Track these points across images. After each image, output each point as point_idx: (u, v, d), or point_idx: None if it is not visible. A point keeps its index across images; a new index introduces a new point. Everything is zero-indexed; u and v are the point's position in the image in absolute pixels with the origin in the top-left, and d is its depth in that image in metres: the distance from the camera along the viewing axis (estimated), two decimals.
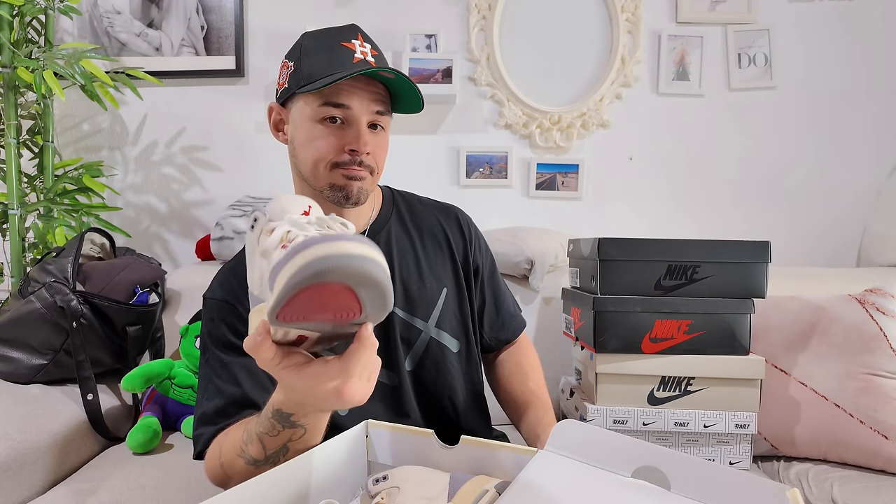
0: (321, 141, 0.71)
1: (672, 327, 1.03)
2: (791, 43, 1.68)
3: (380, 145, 0.75)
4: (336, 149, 0.71)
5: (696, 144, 1.72)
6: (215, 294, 0.77)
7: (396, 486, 0.53)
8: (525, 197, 1.74)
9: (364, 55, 0.71)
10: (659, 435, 1.04)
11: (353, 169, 0.72)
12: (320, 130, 0.71)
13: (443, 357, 0.82)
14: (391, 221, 0.84)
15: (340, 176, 0.72)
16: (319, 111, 0.71)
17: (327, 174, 0.73)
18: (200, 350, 0.77)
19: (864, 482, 0.97)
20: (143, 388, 1.14)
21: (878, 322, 1.07)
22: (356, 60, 0.70)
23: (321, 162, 0.72)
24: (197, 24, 1.69)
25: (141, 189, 1.74)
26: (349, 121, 0.72)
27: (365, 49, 0.72)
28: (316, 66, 0.70)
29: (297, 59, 0.73)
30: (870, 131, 1.69)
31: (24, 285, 1.19)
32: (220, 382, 0.71)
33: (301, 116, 0.73)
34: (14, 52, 1.37)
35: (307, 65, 0.71)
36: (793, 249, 1.65)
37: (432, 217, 0.87)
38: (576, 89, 1.71)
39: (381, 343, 0.78)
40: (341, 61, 0.70)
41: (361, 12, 1.69)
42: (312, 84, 0.69)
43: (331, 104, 0.70)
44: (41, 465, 0.95)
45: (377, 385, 0.74)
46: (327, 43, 0.72)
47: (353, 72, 0.68)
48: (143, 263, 1.36)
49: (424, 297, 0.81)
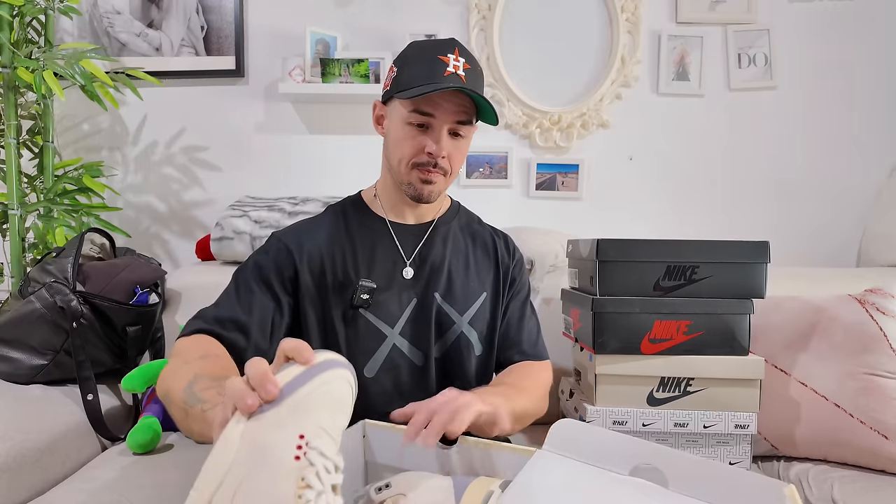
0: (407, 141, 0.82)
1: (671, 328, 1.03)
2: (791, 43, 1.68)
3: (458, 149, 0.84)
4: (418, 150, 0.81)
5: (696, 144, 1.72)
6: (285, 238, 0.86)
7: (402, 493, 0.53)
8: (525, 197, 1.74)
9: (456, 69, 0.79)
10: (659, 436, 1.04)
11: (428, 171, 0.82)
12: (408, 132, 0.81)
13: (468, 354, 0.88)
14: (454, 223, 0.95)
15: (418, 178, 0.83)
16: (409, 116, 0.80)
17: (408, 172, 0.83)
18: (240, 266, 0.85)
19: (864, 482, 0.97)
20: (143, 388, 1.14)
21: (878, 322, 1.07)
22: (447, 74, 0.78)
23: (404, 160, 0.82)
24: (197, 25, 1.69)
25: (141, 189, 1.74)
26: (432, 127, 0.81)
27: (458, 63, 0.79)
28: (413, 75, 0.80)
29: (400, 65, 0.83)
30: (870, 131, 1.69)
31: (24, 285, 1.19)
32: (235, 300, 0.80)
33: (396, 117, 0.83)
34: (14, 53, 1.37)
35: (407, 72, 0.81)
36: (793, 249, 1.65)
37: (487, 233, 0.97)
38: (576, 89, 1.71)
39: (419, 322, 0.86)
40: (434, 74, 0.78)
41: (361, 12, 1.69)
42: (406, 91, 0.79)
43: (418, 111, 0.80)
44: (41, 465, 0.95)
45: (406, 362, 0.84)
46: (427, 54, 0.80)
47: (437, 87, 0.76)
48: (144, 263, 1.36)
49: (465, 292, 0.89)
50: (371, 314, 0.83)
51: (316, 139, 1.72)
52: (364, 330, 0.83)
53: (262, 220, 1.42)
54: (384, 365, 0.84)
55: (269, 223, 1.42)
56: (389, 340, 0.84)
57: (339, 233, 0.88)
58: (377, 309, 0.84)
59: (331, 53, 1.64)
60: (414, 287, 0.86)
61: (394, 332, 0.84)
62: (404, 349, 0.85)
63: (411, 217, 0.91)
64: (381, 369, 0.83)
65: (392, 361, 0.84)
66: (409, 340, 0.85)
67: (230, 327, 0.77)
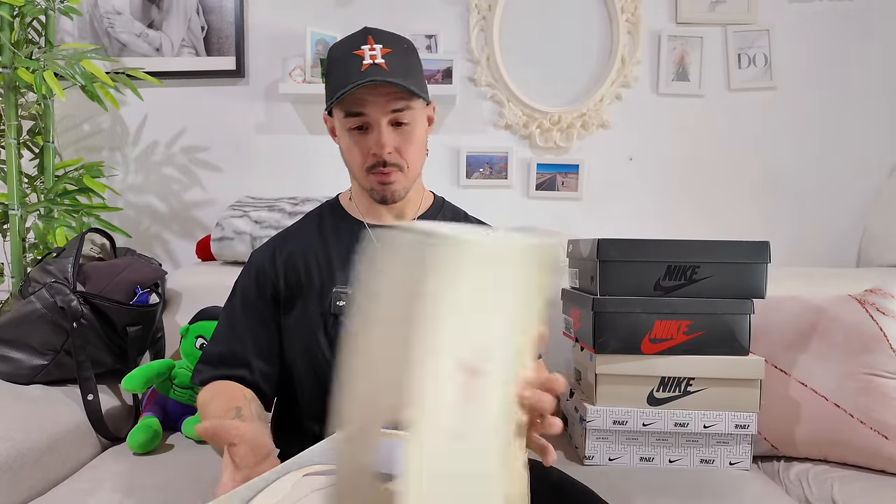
0: (353, 148, 0.80)
1: (672, 328, 1.03)
2: (791, 43, 1.68)
3: (406, 139, 0.79)
4: (364, 154, 0.79)
5: (696, 144, 1.72)
6: (259, 258, 0.87)
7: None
8: (525, 197, 1.74)
9: (373, 58, 0.75)
10: (659, 436, 1.04)
11: (382, 173, 0.79)
12: (351, 139, 0.79)
13: None
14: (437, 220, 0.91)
15: (375, 181, 0.81)
16: (346, 122, 0.78)
17: (365, 178, 0.81)
18: (231, 293, 0.88)
19: (864, 482, 0.97)
20: (143, 388, 1.15)
21: (878, 322, 1.07)
22: (364, 67, 0.74)
23: (359, 169, 0.81)
24: (197, 25, 1.69)
25: (141, 189, 1.74)
26: (369, 126, 0.78)
27: (374, 51, 0.75)
28: (336, 80, 0.77)
29: (327, 73, 0.81)
30: (870, 131, 1.69)
31: (25, 286, 1.19)
32: (229, 335, 0.83)
33: (339, 127, 0.81)
34: (14, 53, 1.37)
35: (332, 79, 0.78)
36: (793, 249, 1.65)
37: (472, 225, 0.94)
38: (576, 90, 1.71)
39: None
40: (352, 72, 0.75)
41: (361, 13, 1.69)
42: (332, 99, 0.77)
43: (350, 114, 0.77)
44: (42, 465, 0.95)
45: None
46: (342, 54, 0.77)
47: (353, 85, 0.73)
48: (144, 264, 1.36)
49: None
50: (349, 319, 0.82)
51: (316, 139, 1.72)
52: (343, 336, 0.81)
53: (263, 221, 1.42)
54: None
55: (269, 223, 1.42)
56: None
57: (315, 239, 0.86)
58: None
59: None
60: None
61: None
62: None
63: (389, 217, 0.88)
64: None
65: None
66: None
67: (232, 363, 0.81)
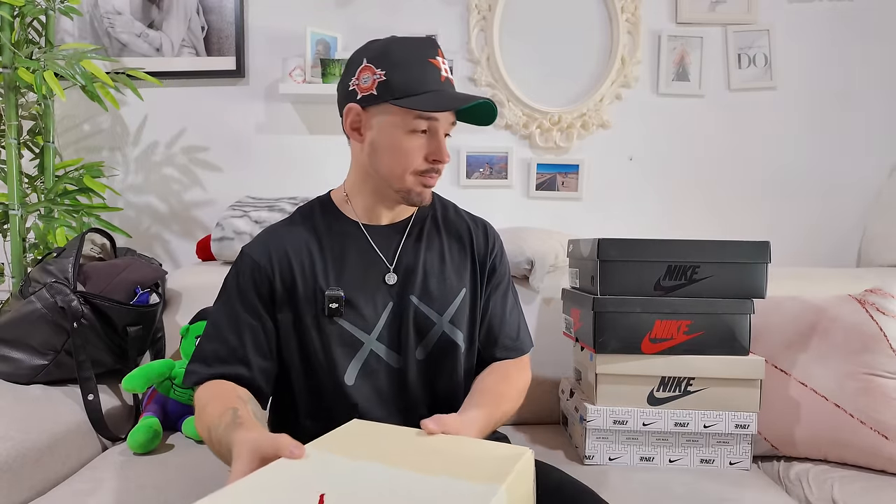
0: (409, 151, 0.78)
1: (672, 328, 1.03)
2: (791, 43, 1.68)
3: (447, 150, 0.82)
4: (420, 157, 0.78)
5: (696, 144, 1.72)
6: (255, 253, 0.82)
7: None
8: (525, 197, 1.74)
9: (447, 73, 0.78)
10: (659, 435, 1.04)
11: (430, 177, 0.79)
12: (409, 140, 0.77)
13: (454, 353, 0.85)
14: (428, 219, 0.90)
15: (419, 183, 0.79)
16: (412, 123, 0.76)
17: (409, 180, 0.79)
18: (219, 292, 0.83)
19: (864, 482, 0.97)
20: (143, 388, 1.15)
21: (878, 322, 1.07)
22: (443, 79, 0.77)
23: (404, 170, 0.78)
24: (197, 25, 1.69)
25: (141, 189, 1.74)
26: (432, 132, 0.78)
27: (445, 66, 0.79)
28: (410, 81, 0.75)
29: (387, 67, 0.76)
30: (870, 131, 1.69)
31: (25, 286, 1.19)
32: (226, 331, 0.79)
33: (389, 124, 0.77)
34: (15, 53, 1.37)
35: (400, 77, 0.75)
36: (793, 249, 1.65)
37: (463, 223, 0.92)
38: (576, 90, 1.71)
39: (397, 327, 0.83)
40: (432, 79, 0.76)
41: (361, 12, 1.69)
42: (410, 100, 0.74)
43: (423, 118, 0.76)
44: (42, 465, 0.95)
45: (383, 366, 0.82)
46: (417, 57, 0.77)
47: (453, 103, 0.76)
48: (144, 264, 1.37)
49: (443, 292, 0.85)
50: (346, 322, 0.80)
51: (316, 139, 1.72)
52: (339, 338, 0.80)
53: (263, 221, 1.42)
54: (362, 371, 0.81)
55: (269, 223, 1.41)
56: (367, 347, 0.81)
57: (308, 239, 0.84)
58: (352, 316, 0.81)
59: (331, 54, 1.64)
60: (390, 291, 0.83)
61: (370, 338, 0.81)
62: (382, 354, 0.82)
63: (386, 218, 0.86)
64: (359, 376, 0.81)
65: (370, 367, 0.81)
66: (386, 345, 0.82)
67: (229, 360, 0.77)
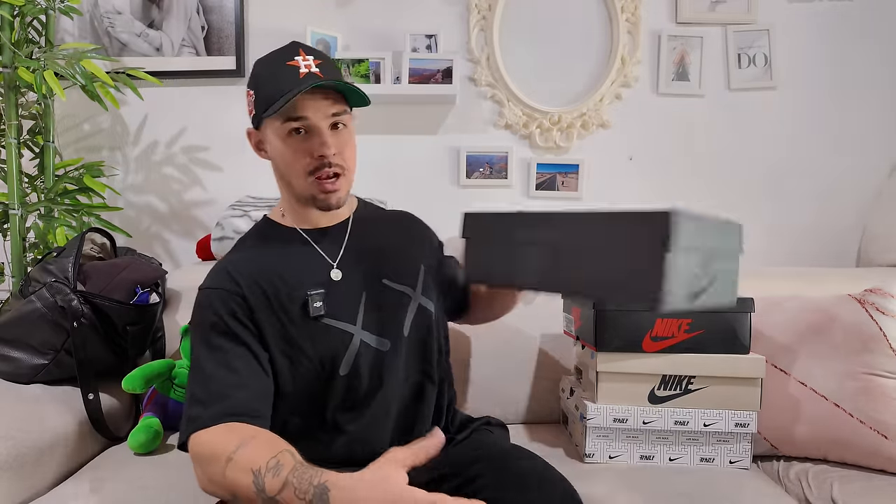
0: (293, 154, 0.81)
1: (673, 326, 1.03)
2: (791, 43, 1.68)
3: (345, 143, 0.83)
4: (306, 157, 0.80)
5: (696, 144, 1.72)
6: (217, 284, 0.82)
7: None
8: (525, 197, 1.74)
9: (308, 68, 0.79)
10: (659, 434, 1.04)
11: (326, 181, 0.81)
12: (289, 144, 0.80)
13: (429, 320, 0.91)
14: (367, 215, 0.97)
15: (318, 189, 0.81)
16: (284, 127, 0.80)
17: (307, 184, 0.82)
18: (196, 335, 0.80)
19: (864, 482, 0.97)
20: (143, 388, 1.14)
21: (877, 322, 1.07)
22: (302, 75, 0.78)
23: (299, 173, 0.81)
24: (197, 25, 1.69)
25: (141, 189, 1.74)
26: (311, 129, 0.80)
27: (308, 62, 0.80)
28: (270, 90, 0.79)
29: (255, 86, 0.82)
30: (870, 131, 1.69)
31: (25, 285, 1.19)
32: (220, 370, 0.76)
33: (272, 136, 0.82)
34: (15, 53, 1.37)
35: (264, 90, 0.80)
36: (793, 249, 1.65)
37: (399, 214, 1.03)
38: (576, 89, 1.72)
39: (377, 311, 0.86)
40: (289, 80, 0.78)
41: (361, 12, 1.69)
42: (272, 107, 0.77)
43: (291, 119, 0.79)
44: (42, 465, 0.95)
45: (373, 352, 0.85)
46: (275, 65, 0.80)
47: (299, 89, 0.76)
48: (144, 263, 1.36)
49: (410, 267, 0.92)
50: (331, 319, 0.82)
51: None
52: (327, 336, 0.82)
53: None
54: (356, 361, 0.83)
55: None
56: (356, 338, 0.83)
57: (265, 259, 0.85)
58: (334, 312, 0.83)
59: (331, 54, 1.64)
60: (360, 281, 0.86)
61: (357, 327, 0.84)
62: (371, 341, 0.84)
63: (324, 220, 0.90)
64: (353, 365, 0.83)
65: (361, 355, 0.83)
66: (372, 332, 0.85)
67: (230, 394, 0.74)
